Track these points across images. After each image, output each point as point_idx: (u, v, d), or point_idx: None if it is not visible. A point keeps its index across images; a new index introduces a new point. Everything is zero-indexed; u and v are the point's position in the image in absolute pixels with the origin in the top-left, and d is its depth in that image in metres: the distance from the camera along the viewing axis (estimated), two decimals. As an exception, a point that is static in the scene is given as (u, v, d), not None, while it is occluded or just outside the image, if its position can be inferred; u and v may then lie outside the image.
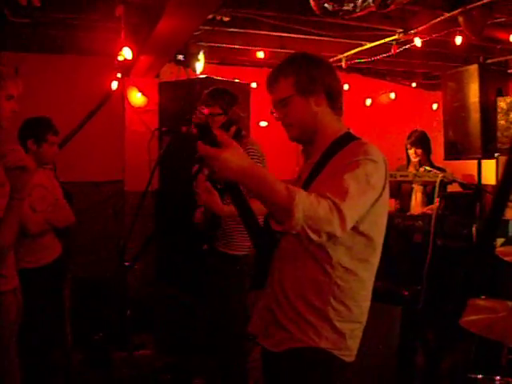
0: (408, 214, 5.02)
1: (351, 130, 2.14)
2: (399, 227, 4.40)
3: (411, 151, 5.26)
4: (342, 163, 1.93)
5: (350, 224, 1.77)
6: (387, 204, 2.05)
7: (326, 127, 2.10)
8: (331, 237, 1.76)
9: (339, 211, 1.73)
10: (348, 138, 2.07)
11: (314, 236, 1.72)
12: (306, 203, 1.67)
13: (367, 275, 2.06)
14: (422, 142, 5.27)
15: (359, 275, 2.01)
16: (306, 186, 2.04)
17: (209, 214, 3.47)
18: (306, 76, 2.06)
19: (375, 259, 2.07)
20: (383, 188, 1.96)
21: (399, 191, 5.27)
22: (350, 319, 2.02)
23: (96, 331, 4.57)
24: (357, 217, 1.85)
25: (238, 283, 3.54)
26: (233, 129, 3.22)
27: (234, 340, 3.62)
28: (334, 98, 2.12)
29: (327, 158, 2.04)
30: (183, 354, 4.46)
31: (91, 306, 4.86)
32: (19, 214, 2.57)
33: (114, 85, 5.39)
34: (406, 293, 3.73)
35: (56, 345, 4.00)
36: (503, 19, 4.42)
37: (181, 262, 5.13)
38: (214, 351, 3.81)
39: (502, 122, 4.50)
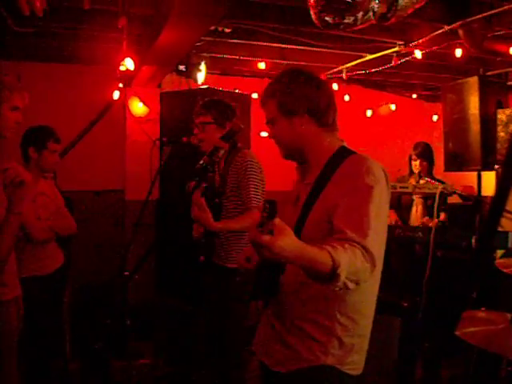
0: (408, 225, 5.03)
1: (345, 143, 2.13)
2: (399, 238, 4.40)
3: (416, 162, 5.27)
4: (345, 185, 1.93)
5: (377, 259, 1.79)
6: (387, 215, 2.06)
7: (316, 146, 2.10)
8: (365, 281, 1.79)
9: (370, 255, 1.75)
10: (343, 153, 2.05)
11: (352, 286, 1.73)
12: (346, 263, 1.66)
13: (372, 287, 2.05)
14: (428, 153, 5.29)
15: (365, 288, 1.97)
16: (307, 208, 2.03)
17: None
18: (290, 97, 2.06)
19: (378, 272, 2.03)
20: (388, 200, 1.97)
21: (399, 203, 5.28)
22: (357, 333, 2.01)
23: (95, 340, 4.57)
24: (382, 247, 1.88)
25: (235, 296, 3.52)
26: (221, 152, 3.22)
27: (232, 351, 3.61)
28: (320, 115, 2.08)
29: (325, 177, 2.02)
30: (182, 364, 4.45)
31: (91, 314, 4.86)
32: (16, 229, 2.58)
33: (116, 94, 5.42)
34: (406, 304, 3.73)
35: (55, 353, 3.99)
36: (503, 32, 4.45)
37: (181, 271, 5.14)
38: (212, 361, 3.80)
39: (502, 134, 4.51)
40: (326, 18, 2.51)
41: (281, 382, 2.08)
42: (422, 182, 4.93)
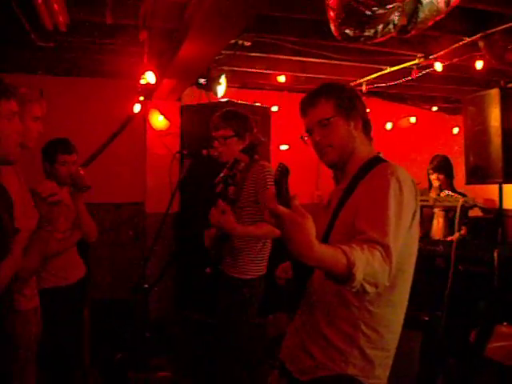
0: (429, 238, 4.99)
1: (381, 155, 2.17)
2: (420, 252, 4.37)
3: (433, 176, 5.24)
4: (369, 186, 1.96)
5: (395, 257, 1.75)
6: (418, 227, 2.04)
7: (359, 152, 2.14)
8: (385, 285, 1.75)
9: (389, 256, 1.72)
10: (376, 161, 2.09)
11: (371, 289, 1.70)
12: (363, 262, 1.64)
13: (399, 300, 2.03)
14: (444, 167, 5.25)
15: (391, 300, 1.98)
16: (336, 212, 2.06)
17: (218, 235, 3.48)
18: (348, 100, 2.12)
19: (406, 283, 2.04)
20: (415, 209, 1.96)
21: (421, 216, 5.23)
22: (380, 346, 1.99)
23: (115, 352, 4.58)
24: (399, 247, 1.83)
25: (245, 308, 3.51)
26: (242, 165, 3.22)
27: (247, 365, 3.59)
28: (367, 126, 2.19)
29: (356, 182, 2.06)
30: (201, 377, 4.44)
31: (111, 327, 4.87)
32: (46, 245, 2.61)
33: (137, 108, 5.46)
34: (427, 318, 3.69)
35: (75, 365, 4.01)
36: (524, 44, 4.41)
37: (200, 284, 5.14)
38: (230, 375, 3.78)
39: (524, 147, 4.47)
40: (346, 31, 2.51)
41: None
42: (442, 195, 4.89)
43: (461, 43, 4.35)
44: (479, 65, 4.68)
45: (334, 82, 2.22)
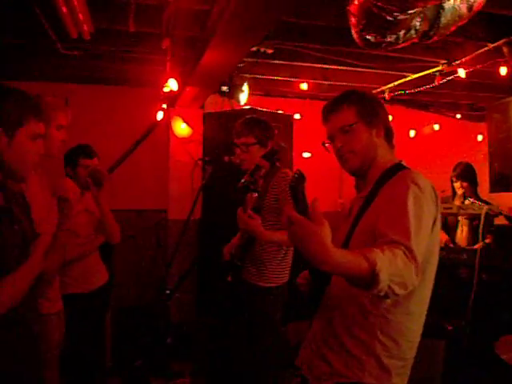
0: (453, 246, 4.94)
1: (403, 162, 2.15)
2: (443, 260, 4.32)
3: (457, 184, 5.18)
4: (390, 193, 1.95)
5: (420, 260, 1.72)
6: (439, 234, 2.03)
7: (381, 158, 2.13)
8: (413, 287, 1.71)
9: (413, 255, 1.70)
10: (397, 168, 2.08)
11: (400, 291, 1.66)
12: (385, 263, 1.61)
13: (417, 308, 2.00)
14: (467, 174, 5.19)
15: (409, 308, 1.96)
16: (357, 220, 2.06)
17: (243, 241, 3.48)
18: (370, 107, 2.13)
19: (425, 291, 2.02)
20: (436, 215, 1.94)
21: (445, 224, 5.19)
22: (397, 355, 1.97)
23: (136, 358, 4.59)
24: (423, 250, 1.80)
25: (268, 316, 3.50)
26: (263, 171, 3.24)
27: (270, 373, 3.58)
28: (389, 134, 2.18)
29: (377, 189, 2.05)
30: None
31: (133, 332, 4.90)
32: (65, 244, 2.64)
33: (160, 115, 5.51)
34: (450, 327, 3.65)
35: (96, 370, 4.03)
36: (549, 49, 4.35)
37: (222, 290, 5.14)
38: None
39: (550, 154, 4.42)
40: (368, 37, 2.51)
41: None
42: (467, 202, 4.84)
43: (484, 49, 4.30)
44: (503, 71, 4.63)
45: (357, 90, 2.22)
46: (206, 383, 4.61)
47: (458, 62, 4.70)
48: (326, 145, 2.20)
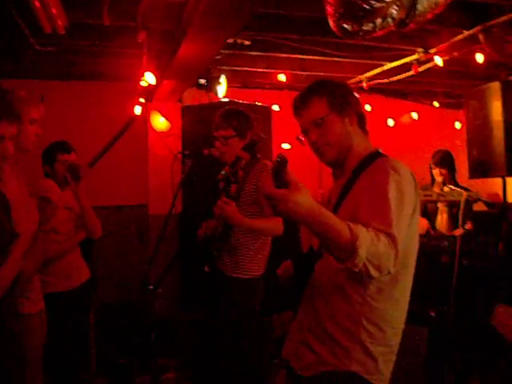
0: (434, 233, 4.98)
1: (381, 150, 2.15)
2: (425, 247, 4.36)
3: (435, 171, 5.23)
4: (370, 180, 1.95)
5: (400, 249, 1.74)
6: (419, 221, 2.03)
7: (357, 147, 2.12)
8: (388, 272, 1.74)
9: (395, 243, 1.71)
10: (375, 156, 2.08)
11: (374, 273, 1.69)
12: (367, 241, 1.64)
13: (401, 295, 2.02)
14: (446, 161, 5.23)
15: (393, 295, 1.97)
16: (336, 208, 2.05)
17: (220, 228, 3.46)
18: (340, 96, 2.10)
19: (408, 277, 2.03)
20: (415, 203, 1.94)
21: (425, 211, 5.23)
22: (382, 342, 1.98)
23: (121, 355, 4.57)
24: (403, 238, 1.81)
25: (245, 307, 3.49)
26: (243, 162, 3.23)
27: (255, 365, 3.58)
28: (362, 120, 2.16)
29: (355, 177, 2.05)
30: (207, 378, 4.43)
31: (116, 329, 4.87)
32: (44, 245, 2.61)
33: (138, 110, 5.47)
34: (433, 313, 3.68)
35: (81, 369, 4.00)
36: (524, 35, 4.39)
37: (205, 284, 5.13)
38: (237, 375, 3.76)
39: (527, 140, 4.45)
40: (345, 26, 2.50)
41: None
42: (446, 189, 4.88)
43: (460, 36, 4.33)
44: (479, 58, 4.66)
45: (325, 79, 2.20)
46: (191, 377, 4.61)
47: (434, 50, 4.72)
48: (302, 139, 2.18)
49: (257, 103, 5.83)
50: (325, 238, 1.69)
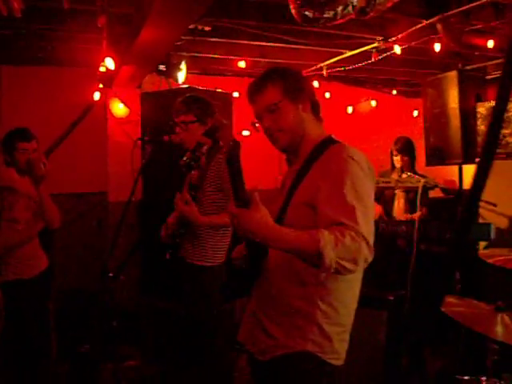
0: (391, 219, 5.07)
1: (333, 136, 2.17)
2: (383, 232, 4.43)
3: (397, 157, 5.29)
4: (327, 169, 1.96)
5: (371, 239, 1.79)
6: (374, 207, 2.07)
7: (310, 133, 2.14)
8: (366, 262, 1.79)
9: (362, 236, 1.75)
10: (329, 142, 2.10)
11: (351, 266, 1.74)
12: (331, 241, 1.69)
13: (354, 276, 2.03)
14: (408, 148, 5.31)
15: (346, 276, 1.98)
16: (291, 192, 2.07)
17: (181, 222, 3.47)
18: (294, 83, 2.12)
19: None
20: (372, 188, 1.99)
21: (382, 197, 5.31)
22: (337, 321, 2.02)
23: (82, 343, 4.54)
24: (372, 228, 1.86)
25: (206, 294, 3.51)
26: (205, 148, 3.23)
27: (216, 350, 3.60)
28: (316, 107, 2.18)
29: (310, 162, 2.07)
30: (170, 364, 4.44)
31: (77, 318, 4.83)
32: (5, 234, 2.57)
33: (96, 96, 5.38)
34: (391, 297, 3.75)
35: (41, 357, 3.96)
36: (480, 26, 4.48)
37: (165, 271, 5.12)
38: (200, 361, 3.78)
39: (482, 128, 4.56)
40: (306, 13, 2.52)
41: (264, 370, 2.11)
42: (404, 176, 4.96)
43: (419, 26, 4.39)
44: (437, 47, 4.74)
45: (279, 67, 2.23)
46: (156, 364, 4.60)
47: (393, 39, 4.78)
48: (256, 125, 2.20)
49: (217, 90, 5.82)
50: (290, 252, 1.76)
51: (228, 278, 3.56)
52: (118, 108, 6.08)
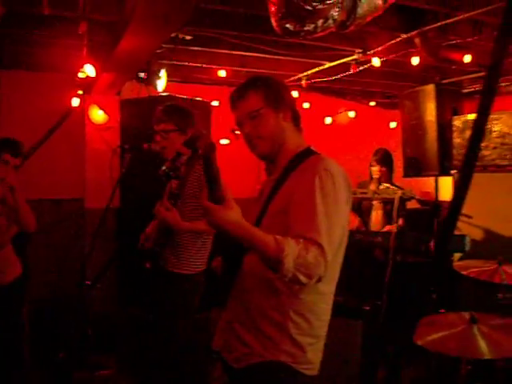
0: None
1: (312, 147, 2.19)
2: (360, 243, 4.46)
3: (375, 168, 5.33)
4: (302, 180, 1.98)
5: (330, 257, 1.83)
6: (349, 217, 2.10)
7: (290, 142, 2.16)
8: (319, 279, 1.82)
9: (324, 254, 1.79)
10: (308, 153, 2.12)
11: (305, 279, 1.78)
12: (295, 252, 1.74)
13: (327, 288, 2.08)
14: (387, 160, 5.37)
15: (319, 288, 2.02)
16: (268, 201, 2.09)
17: (161, 231, 3.46)
18: (276, 91, 2.15)
19: (335, 272, 2.09)
20: (347, 197, 2.01)
21: (359, 208, 5.35)
22: (309, 333, 2.03)
23: (57, 351, 4.49)
24: (336, 245, 1.92)
25: (186, 303, 3.50)
26: (184, 158, 3.24)
27: (192, 359, 3.59)
28: (296, 117, 2.20)
29: (288, 172, 2.09)
30: (145, 374, 4.41)
31: (52, 326, 4.78)
32: None
33: (75, 102, 5.35)
34: (367, 307, 3.78)
35: (13, 366, 3.91)
36: (457, 41, 4.56)
37: (143, 280, 5.09)
38: (175, 370, 3.76)
39: (458, 140, 4.63)
40: (287, 26, 2.53)
41: (239, 377, 2.11)
42: (381, 187, 5.01)
43: (398, 39, 4.45)
44: (415, 61, 4.81)
45: (262, 75, 2.26)
46: (131, 374, 4.57)
47: (372, 52, 4.83)
48: (236, 132, 2.22)
49: (197, 98, 5.82)
50: (254, 250, 1.81)
51: (207, 286, 3.57)
52: (97, 114, 6.06)
